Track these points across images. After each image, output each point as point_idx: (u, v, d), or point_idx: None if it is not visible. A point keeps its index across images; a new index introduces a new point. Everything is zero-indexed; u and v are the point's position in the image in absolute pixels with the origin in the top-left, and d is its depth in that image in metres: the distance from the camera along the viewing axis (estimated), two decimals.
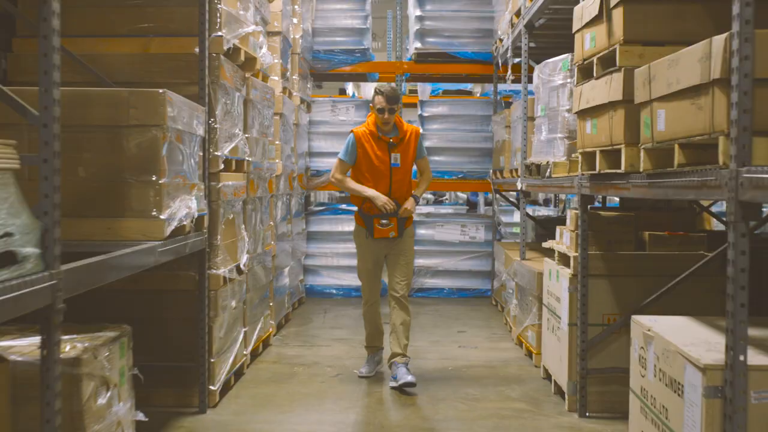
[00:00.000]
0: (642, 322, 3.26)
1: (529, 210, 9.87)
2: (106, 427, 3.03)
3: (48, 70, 2.39)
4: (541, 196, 13.20)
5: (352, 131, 5.41)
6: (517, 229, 9.30)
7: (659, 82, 3.06)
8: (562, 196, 11.67)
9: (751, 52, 2.40)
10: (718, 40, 2.55)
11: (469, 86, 12.14)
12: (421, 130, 5.53)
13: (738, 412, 2.45)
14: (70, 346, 2.92)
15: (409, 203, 5.29)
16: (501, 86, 9.61)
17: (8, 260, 2.15)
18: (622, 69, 3.53)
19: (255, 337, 5.87)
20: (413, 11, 9.33)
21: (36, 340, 2.85)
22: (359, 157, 5.31)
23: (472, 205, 13.27)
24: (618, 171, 3.65)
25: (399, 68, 9.38)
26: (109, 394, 3.07)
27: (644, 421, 3.19)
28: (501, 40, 8.22)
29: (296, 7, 7.85)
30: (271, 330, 6.57)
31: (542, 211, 11.24)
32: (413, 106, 10.41)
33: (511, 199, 8.92)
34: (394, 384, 5.17)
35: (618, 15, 3.62)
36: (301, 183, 8.45)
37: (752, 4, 2.40)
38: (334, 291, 9.16)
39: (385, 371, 5.52)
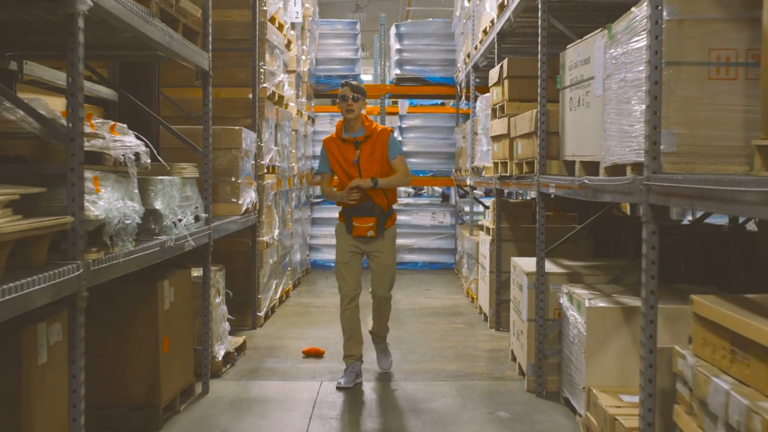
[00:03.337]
0: (514, 260, 5.85)
1: (490, 201, 12.41)
2: (219, 315, 5.58)
3: (206, 137, 4.94)
4: (505, 190, 15.77)
5: (323, 141, 5.49)
6: (480, 216, 11.89)
7: (518, 127, 5.64)
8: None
9: (546, 119, 4.98)
10: (535, 111, 5.12)
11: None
12: (392, 130, 5.53)
13: (542, 294, 5.02)
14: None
15: (360, 181, 5.17)
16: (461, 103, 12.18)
17: (197, 219, 4.69)
18: (507, 116, 6.10)
19: (281, 289, 8.43)
20: (394, 44, 11.91)
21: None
22: (332, 164, 5.35)
23: (445, 197, 15.82)
24: (506, 174, 6.23)
25: (383, 90, 11.95)
26: (220, 298, 5.61)
27: (513, 313, 5.78)
28: (459, 71, 10.80)
29: (304, 46, 10.39)
30: (289, 287, 9.14)
31: None
32: (395, 114, 12.99)
33: (468, 191, 11.49)
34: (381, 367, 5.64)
35: (506, 83, 6.19)
36: (307, 180, 11.00)
37: (546, 98, 4.98)
38: (332, 264, 11.73)
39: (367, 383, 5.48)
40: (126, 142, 3.38)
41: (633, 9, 3.34)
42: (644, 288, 2.95)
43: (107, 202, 3.11)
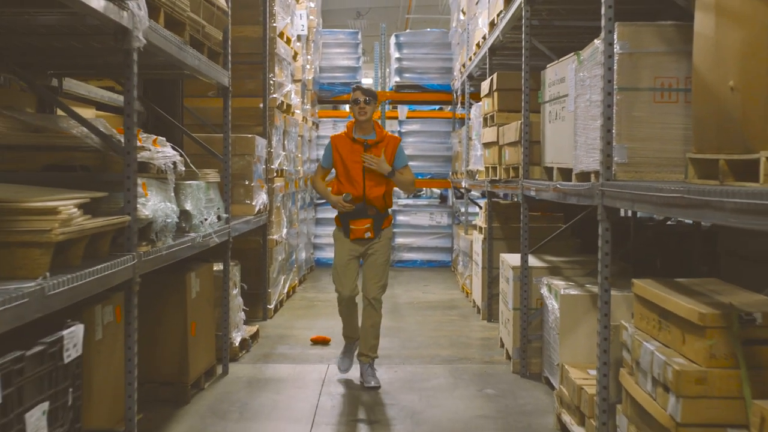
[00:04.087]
0: (502, 255, 6.46)
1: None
2: (236, 305, 6.18)
3: (226, 146, 5.54)
4: (501, 192, 16.40)
5: (330, 137, 5.64)
6: (475, 216, 12.50)
7: (506, 136, 6.25)
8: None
9: (529, 129, 5.59)
10: (520, 122, 5.72)
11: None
12: (401, 140, 5.66)
13: (526, 286, 5.63)
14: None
15: (382, 162, 5.29)
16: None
17: (218, 219, 5.29)
18: (497, 125, 6.70)
19: (288, 284, 9.04)
20: (394, 53, 12.53)
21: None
22: (335, 161, 5.46)
23: (443, 198, 16.43)
24: (496, 178, 6.83)
25: (383, 96, 12.57)
26: (236, 290, 6.22)
27: (501, 304, 6.39)
28: (455, 79, 11.42)
29: (309, 56, 11.00)
30: (296, 283, 9.74)
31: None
32: (395, 119, 13.60)
33: (463, 193, 12.09)
34: (361, 380, 5.48)
35: (496, 95, 6.80)
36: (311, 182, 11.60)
37: (529, 110, 5.59)
38: None
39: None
40: (166, 153, 3.99)
41: (595, 41, 3.94)
42: (600, 275, 3.55)
43: (153, 204, 3.71)
